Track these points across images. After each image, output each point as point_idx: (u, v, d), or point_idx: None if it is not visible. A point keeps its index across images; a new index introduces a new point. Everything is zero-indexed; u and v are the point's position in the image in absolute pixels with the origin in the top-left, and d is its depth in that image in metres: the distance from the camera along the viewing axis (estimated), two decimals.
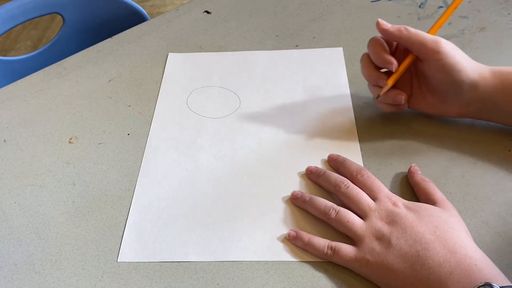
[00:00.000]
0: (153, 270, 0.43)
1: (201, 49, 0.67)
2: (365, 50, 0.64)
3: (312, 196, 0.45)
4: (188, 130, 0.55)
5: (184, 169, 0.51)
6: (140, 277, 0.42)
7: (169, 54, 0.66)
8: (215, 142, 0.54)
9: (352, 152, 0.51)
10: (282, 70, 0.63)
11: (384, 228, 0.40)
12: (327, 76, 0.61)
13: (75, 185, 0.51)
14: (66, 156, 0.54)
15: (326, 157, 0.51)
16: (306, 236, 0.43)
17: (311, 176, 0.48)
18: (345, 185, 0.45)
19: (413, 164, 0.48)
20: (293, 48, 0.66)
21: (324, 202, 0.44)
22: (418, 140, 0.52)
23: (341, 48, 0.65)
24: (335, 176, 0.46)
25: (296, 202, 0.46)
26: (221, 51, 0.66)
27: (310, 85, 0.60)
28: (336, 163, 0.49)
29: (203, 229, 0.45)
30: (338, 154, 0.50)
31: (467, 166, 0.49)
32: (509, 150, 0.50)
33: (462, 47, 0.62)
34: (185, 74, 0.63)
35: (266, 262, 0.43)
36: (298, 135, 0.54)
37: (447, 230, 0.39)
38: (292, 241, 0.43)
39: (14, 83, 0.64)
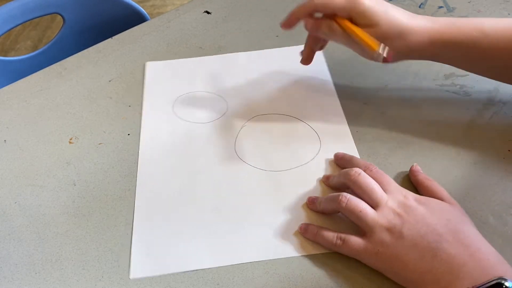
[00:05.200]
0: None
1: (201, 49, 0.67)
2: None
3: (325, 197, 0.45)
4: (180, 137, 0.54)
5: (182, 177, 0.50)
6: (140, 277, 0.42)
7: (147, 63, 0.65)
8: (209, 146, 0.53)
9: (347, 147, 0.51)
10: (264, 69, 0.63)
11: (396, 219, 0.40)
12: (308, 72, 0.61)
13: (75, 185, 0.51)
14: (66, 156, 0.54)
15: (319, 153, 0.51)
16: (315, 228, 0.43)
17: (325, 181, 0.48)
18: (357, 173, 0.44)
19: (414, 164, 0.48)
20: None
21: (337, 193, 0.43)
22: (417, 140, 0.52)
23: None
24: (345, 170, 0.45)
25: (311, 207, 0.46)
26: (221, 51, 0.66)
27: (294, 82, 0.60)
28: (343, 161, 0.48)
29: (210, 233, 0.45)
30: (334, 150, 0.50)
31: (467, 166, 0.49)
32: (509, 150, 0.50)
33: None
34: (167, 81, 0.62)
35: (266, 262, 0.43)
36: (292, 132, 0.54)
37: (458, 223, 0.39)
38: (303, 234, 0.44)
39: (14, 83, 0.64)
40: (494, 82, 0.56)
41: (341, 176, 0.45)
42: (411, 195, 0.43)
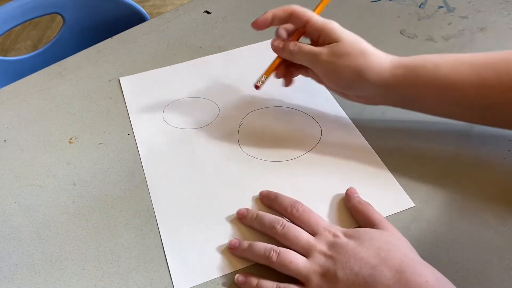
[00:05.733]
0: (153, 270, 0.43)
1: (201, 49, 0.67)
2: None
3: (251, 242, 0.43)
4: (180, 146, 0.54)
5: (196, 184, 0.50)
6: (140, 277, 0.42)
7: (120, 78, 0.63)
8: (213, 149, 0.53)
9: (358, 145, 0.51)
10: (242, 67, 0.63)
11: (328, 262, 0.39)
12: None
13: (75, 185, 0.51)
14: (66, 156, 0.54)
15: (322, 136, 0.52)
16: (255, 280, 0.40)
17: (244, 221, 0.45)
18: (280, 225, 0.42)
19: (349, 187, 0.47)
20: None
21: (263, 246, 0.42)
22: (418, 140, 0.52)
23: None
24: (269, 217, 0.44)
25: (234, 252, 0.43)
26: (221, 51, 0.66)
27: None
28: (268, 200, 0.46)
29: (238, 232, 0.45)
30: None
31: (467, 166, 0.49)
32: (509, 150, 0.50)
33: (462, 47, 0.63)
34: (148, 94, 0.60)
35: None
36: (291, 121, 0.55)
37: (390, 249, 0.38)
38: (241, 285, 0.41)
39: (14, 83, 0.64)
40: None
41: (266, 228, 0.43)
42: (340, 231, 0.41)
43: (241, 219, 0.46)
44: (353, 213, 0.45)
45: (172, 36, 0.70)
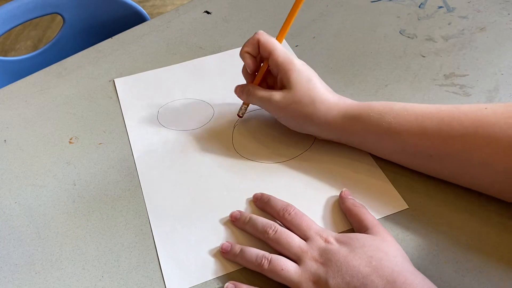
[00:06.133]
0: (153, 270, 0.43)
1: (201, 49, 0.67)
2: (365, 50, 0.64)
3: (243, 247, 0.43)
4: (175, 148, 0.53)
5: (190, 186, 0.49)
6: (140, 277, 0.42)
7: (115, 80, 0.63)
8: (207, 150, 0.53)
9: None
10: (237, 68, 0.62)
11: (319, 270, 0.39)
12: None
13: (75, 185, 0.51)
14: (66, 156, 0.54)
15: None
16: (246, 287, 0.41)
17: (237, 223, 0.45)
18: (273, 230, 0.42)
19: (343, 189, 0.47)
20: (293, 48, 0.66)
21: (255, 252, 0.41)
22: None
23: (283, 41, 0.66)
24: (262, 221, 0.44)
25: (226, 256, 0.43)
26: (221, 51, 0.66)
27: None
28: (261, 203, 0.46)
29: (233, 234, 0.45)
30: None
31: None
32: None
33: (462, 47, 0.63)
34: (143, 95, 0.60)
35: None
36: (285, 127, 0.54)
37: (381, 258, 0.38)
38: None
39: (14, 83, 0.64)
40: (494, 82, 0.56)
41: (258, 232, 0.43)
42: (332, 237, 0.41)
43: (234, 222, 0.46)
44: (347, 216, 0.45)
45: (172, 36, 0.70)
